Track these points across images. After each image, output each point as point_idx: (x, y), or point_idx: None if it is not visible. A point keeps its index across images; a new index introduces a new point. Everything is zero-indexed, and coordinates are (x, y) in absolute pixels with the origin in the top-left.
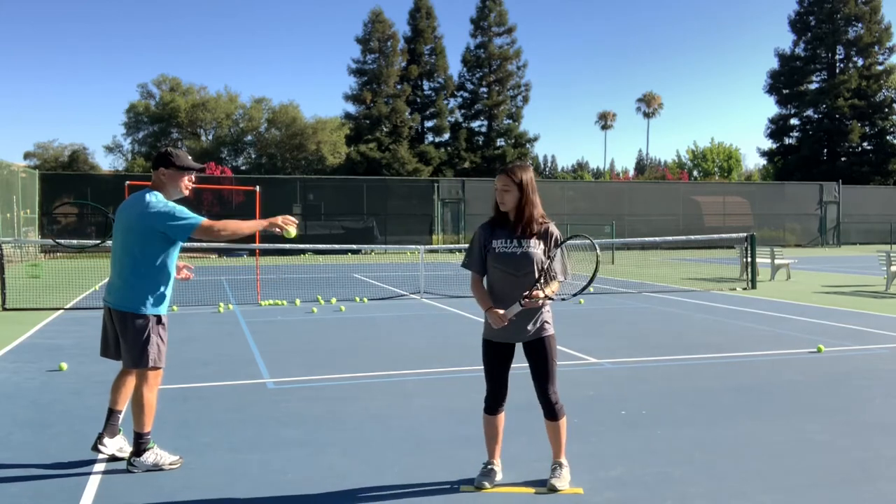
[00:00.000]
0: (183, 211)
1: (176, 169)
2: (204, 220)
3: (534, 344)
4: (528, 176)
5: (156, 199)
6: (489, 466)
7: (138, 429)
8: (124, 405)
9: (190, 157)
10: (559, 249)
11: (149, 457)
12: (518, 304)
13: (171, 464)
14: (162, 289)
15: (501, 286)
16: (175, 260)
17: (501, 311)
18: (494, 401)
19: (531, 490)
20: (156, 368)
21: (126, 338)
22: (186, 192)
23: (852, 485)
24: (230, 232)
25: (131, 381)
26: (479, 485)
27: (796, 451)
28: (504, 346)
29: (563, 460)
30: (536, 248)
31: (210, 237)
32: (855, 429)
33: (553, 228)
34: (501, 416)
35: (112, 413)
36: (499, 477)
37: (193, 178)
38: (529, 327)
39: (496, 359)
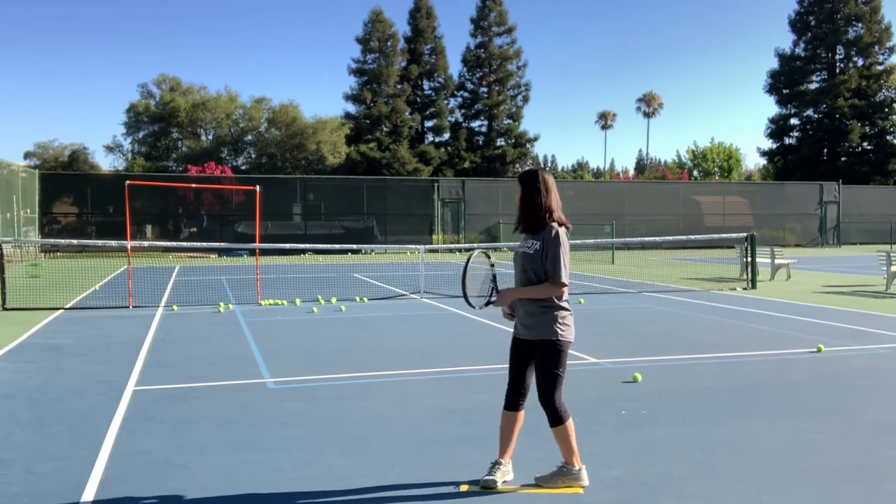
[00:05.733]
0: None
1: None
2: None
3: (535, 345)
4: (534, 176)
5: None
6: (494, 463)
7: None
8: None
9: None
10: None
11: None
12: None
13: None
14: None
15: (517, 283)
16: None
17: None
18: (509, 396)
19: (532, 490)
20: None
21: None
22: None
23: (852, 485)
24: None
25: None
26: (483, 484)
27: (796, 451)
28: (518, 341)
29: (576, 464)
30: (537, 246)
31: None
32: (855, 429)
33: (553, 227)
34: (517, 415)
35: None
36: (509, 477)
37: None
38: (530, 326)
39: (511, 353)
